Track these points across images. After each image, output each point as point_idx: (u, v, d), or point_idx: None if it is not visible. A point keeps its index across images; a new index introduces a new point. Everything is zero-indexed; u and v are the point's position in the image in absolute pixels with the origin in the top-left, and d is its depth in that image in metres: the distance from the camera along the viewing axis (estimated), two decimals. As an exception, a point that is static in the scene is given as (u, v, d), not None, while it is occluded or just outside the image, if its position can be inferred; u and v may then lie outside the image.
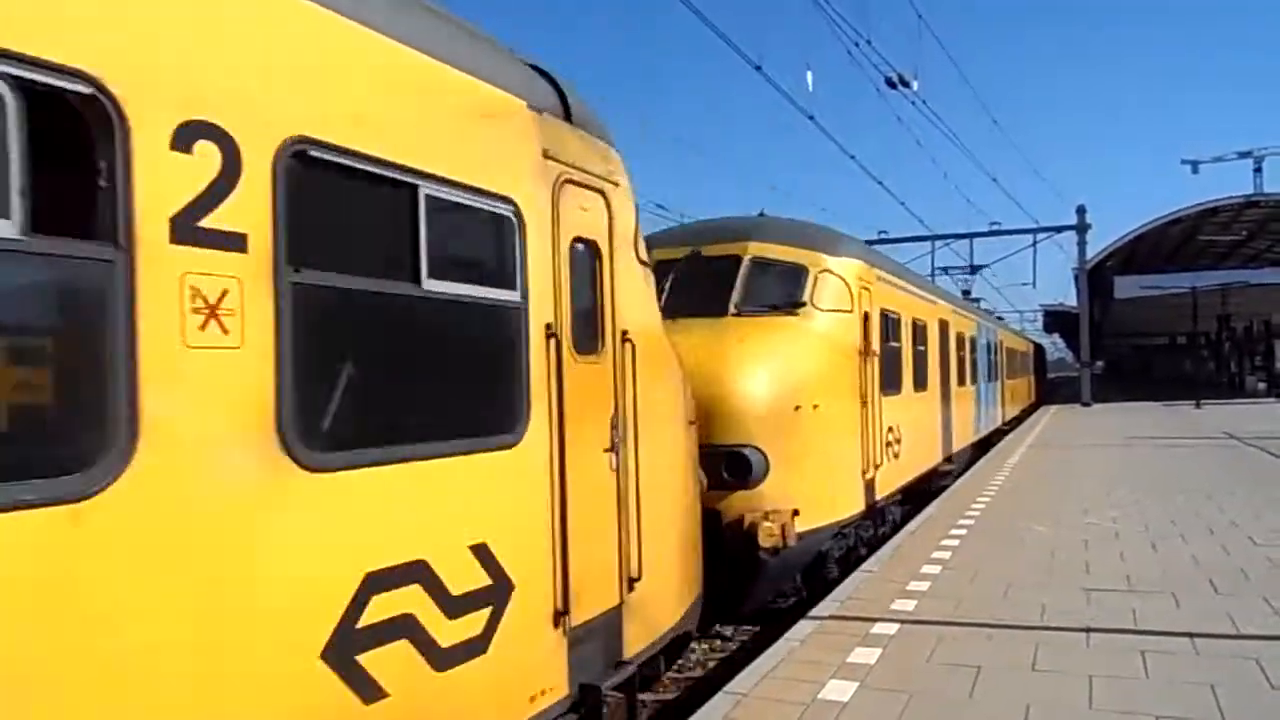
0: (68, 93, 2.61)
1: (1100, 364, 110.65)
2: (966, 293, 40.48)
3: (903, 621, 7.37)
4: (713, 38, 13.15)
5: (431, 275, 3.96)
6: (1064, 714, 5.36)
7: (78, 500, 2.56)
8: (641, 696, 5.87)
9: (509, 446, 4.40)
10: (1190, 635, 6.72)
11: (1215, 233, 49.17)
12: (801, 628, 7.34)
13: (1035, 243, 44.80)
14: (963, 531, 11.27)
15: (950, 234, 45.79)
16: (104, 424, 2.67)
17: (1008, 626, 7.13)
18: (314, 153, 3.39)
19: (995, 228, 45.24)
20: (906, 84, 21.09)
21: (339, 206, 3.71)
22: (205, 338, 2.92)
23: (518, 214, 4.53)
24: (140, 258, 2.73)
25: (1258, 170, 46.70)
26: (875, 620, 7.43)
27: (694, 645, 8.82)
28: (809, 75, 18.32)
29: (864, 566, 9.54)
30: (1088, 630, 6.94)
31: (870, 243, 24.56)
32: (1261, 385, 54.25)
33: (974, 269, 45.77)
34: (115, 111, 2.69)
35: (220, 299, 2.97)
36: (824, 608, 7.93)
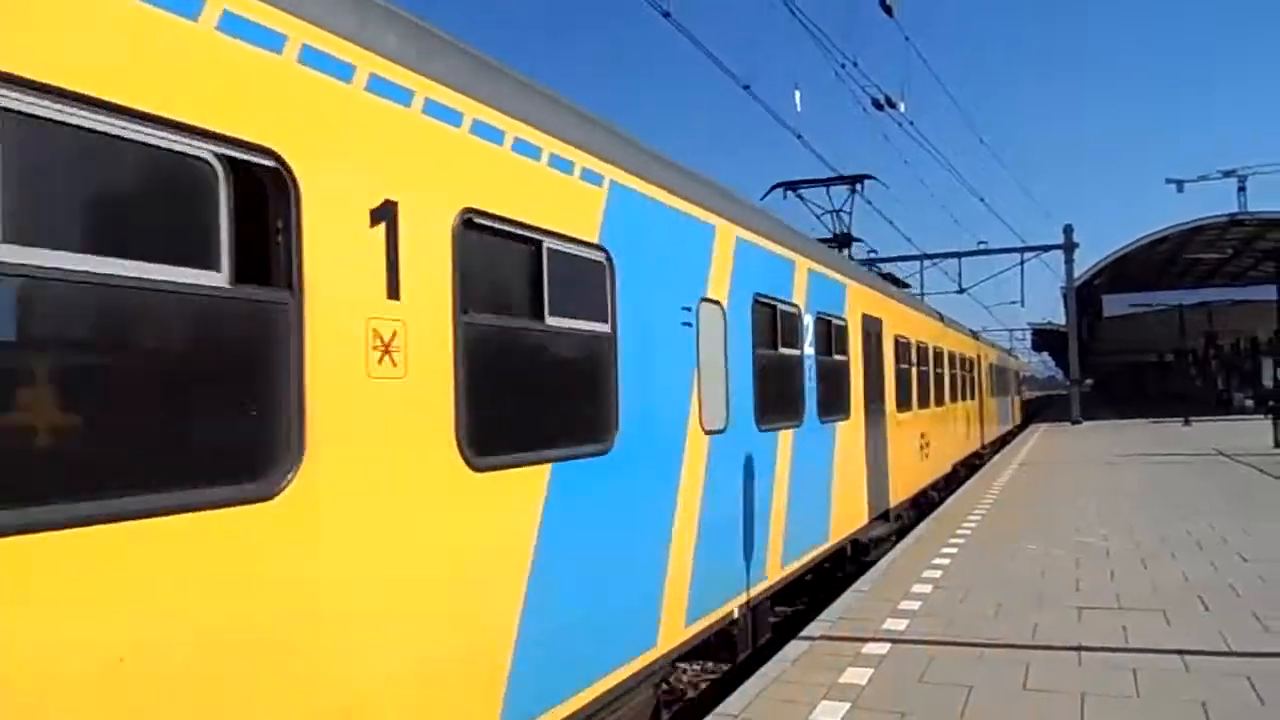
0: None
1: (1089, 382, 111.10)
2: (845, 239, 18.73)
3: (894, 641, 7.35)
4: (701, 57, 13.27)
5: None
6: (1056, 733, 5.34)
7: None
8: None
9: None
10: (1181, 653, 6.72)
11: (1200, 251, 49.64)
12: (793, 648, 7.32)
13: (1023, 261, 45.15)
14: (954, 550, 11.27)
15: (938, 253, 46.05)
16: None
17: (999, 645, 7.12)
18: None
19: (983, 247, 45.54)
20: (894, 105, 21.27)
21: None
22: None
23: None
24: None
25: (1241, 189, 47.13)
26: (867, 640, 7.41)
27: (684, 666, 8.76)
28: (797, 95, 18.45)
29: (855, 586, 9.52)
30: (1079, 649, 6.93)
31: (863, 263, 23.38)
32: (1249, 402, 54.51)
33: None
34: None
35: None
36: (815, 628, 7.91)
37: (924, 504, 16.57)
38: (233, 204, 3.02)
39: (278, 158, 3.15)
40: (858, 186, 17.20)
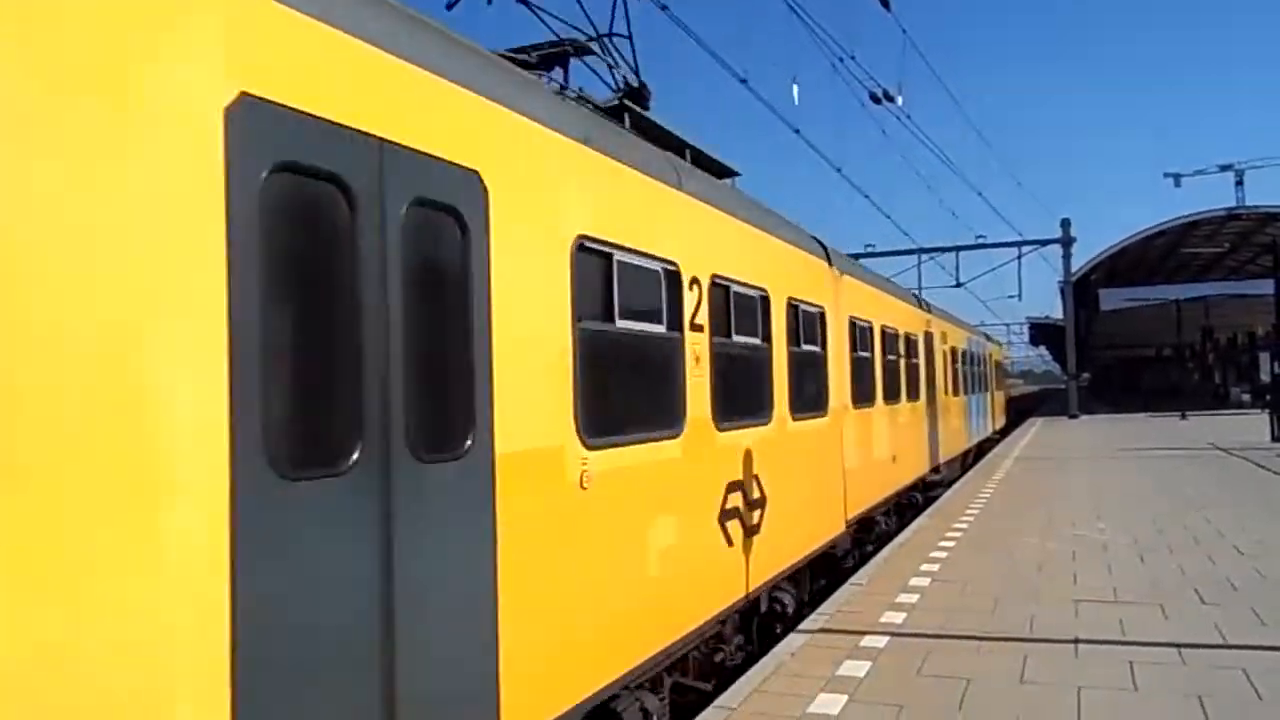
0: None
1: (1087, 376, 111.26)
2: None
3: (892, 634, 7.37)
4: (698, 49, 13.13)
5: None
6: (1053, 726, 5.37)
7: None
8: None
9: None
10: (1178, 646, 6.75)
11: (1198, 245, 49.72)
12: (791, 641, 7.34)
13: (1020, 256, 45.23)
14: (951, 544, 11.30)
15: (936, 248, 46.11)
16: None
17: (997, 638, 7.14)
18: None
19: (981, 241, 45.61)
20: (891, 99, 21.27)
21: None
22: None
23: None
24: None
25: (1239, 183, 47.23)
26: (865, 633, 7.43)
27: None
28: (794, 89, 18.41)
29: (853, 580, 9.55)
30: (1076, 642, 6.96)
31: (856, 256, 23.06)
32: (1246, 396, 54.63)
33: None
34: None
35: None
36: (813, 621, 7.93)
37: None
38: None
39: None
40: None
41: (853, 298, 11.91)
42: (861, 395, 12.01)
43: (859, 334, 12.10)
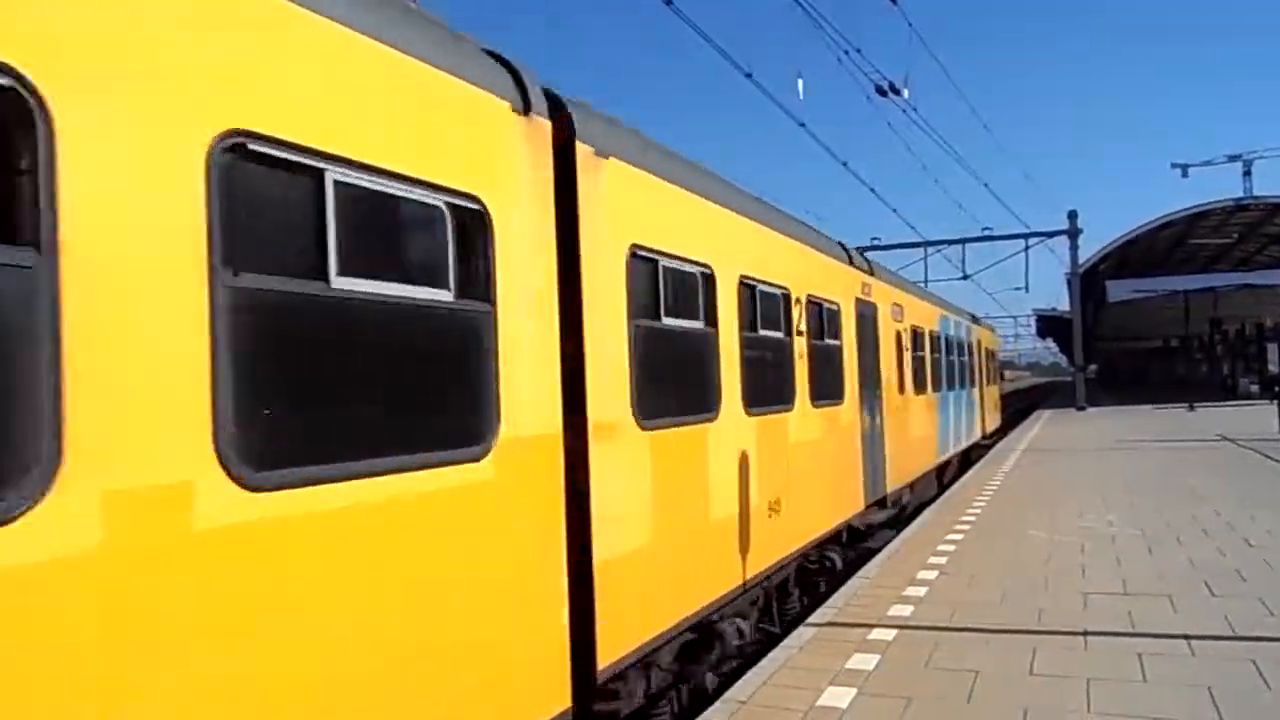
0: None
1: (1094, 368, 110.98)
2: None
3: (900, 627, 7.37)
4: (701, 43, 13.12)
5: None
6: (1062, 717, 5.37)
7: None
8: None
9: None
10: (1187, 637, 6.74)
11: (1206, 236, 49.45)
12: (799, 634, 7.35)
13: (1027, 248, 45.10)
14: (959, 536, 11.29)
15: (942, 240, 46.01)
16: None
17: (1005, 631, 7.14)
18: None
19: (987, 233, 45.47)
20: (897, 91, 21.21)
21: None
22: None
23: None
24: None
25: (1247, 174, 46.90)
26: (873, 626, 7.44)
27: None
28: (799, 83, 18.39)
29: (860, 573, 9.55)
30: (1085, 634, 6.96)
31: (862, 250, 22.79)
32: (1254, 388, 54.38)
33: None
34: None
35: None
36: (821, 614, 7.94)
37: None
38: None
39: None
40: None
41: (646, 212, 6.29)
42: (679, 400, 6.66)
43: (671, 286, 6.56)
